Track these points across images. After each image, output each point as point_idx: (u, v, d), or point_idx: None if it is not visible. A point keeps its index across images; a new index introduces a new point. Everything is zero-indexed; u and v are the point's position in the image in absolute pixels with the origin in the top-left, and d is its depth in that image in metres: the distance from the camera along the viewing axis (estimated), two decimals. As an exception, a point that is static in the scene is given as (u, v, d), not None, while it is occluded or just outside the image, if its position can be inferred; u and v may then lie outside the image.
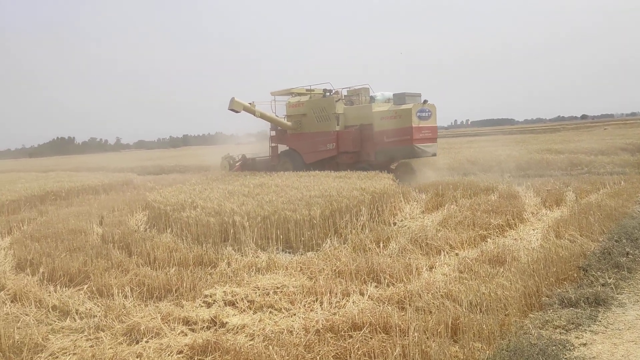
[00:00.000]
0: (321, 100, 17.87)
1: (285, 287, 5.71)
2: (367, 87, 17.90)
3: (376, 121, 16.23)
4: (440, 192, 11.92)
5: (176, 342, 4.45)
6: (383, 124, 16.04)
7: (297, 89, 18.96)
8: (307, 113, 17.91)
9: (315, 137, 17.50)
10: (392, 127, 15.78)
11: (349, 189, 10.00)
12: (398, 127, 15.62)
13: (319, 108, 17.64)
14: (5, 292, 6.13)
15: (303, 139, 17.97)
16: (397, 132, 15.66)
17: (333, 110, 17.19)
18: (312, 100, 18.15)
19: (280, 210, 8.44)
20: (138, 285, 5.94)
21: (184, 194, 10.84)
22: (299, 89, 18.94)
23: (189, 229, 8.41)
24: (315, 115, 17.68)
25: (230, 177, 15.19)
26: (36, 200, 13.91)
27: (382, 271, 5.96)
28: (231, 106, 17.82)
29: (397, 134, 15.66)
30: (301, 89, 18.93)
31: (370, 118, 16.44)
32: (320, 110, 17.59)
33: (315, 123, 17.65)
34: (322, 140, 17.26)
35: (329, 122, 17.25)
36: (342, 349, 3.98)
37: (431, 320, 4.34)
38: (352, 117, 17.19)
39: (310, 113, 17.83)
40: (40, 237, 8.66)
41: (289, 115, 18.62)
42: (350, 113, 17.32)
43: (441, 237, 7.54)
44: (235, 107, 17.77)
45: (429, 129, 16.11)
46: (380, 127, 16.06)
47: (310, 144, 17.61)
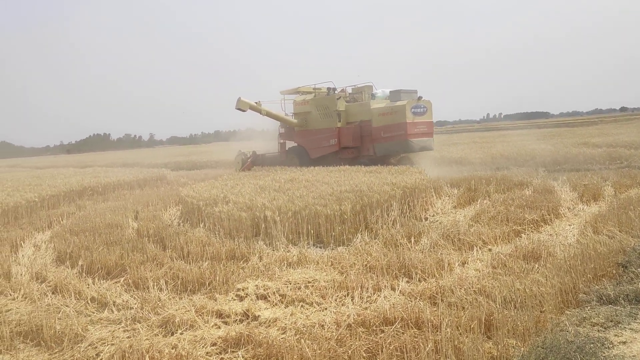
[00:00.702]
0: (324, 99, 18.66)
1: (317, 281, 5.73)
2: (370, 85, 18.53)
3: (374, 117, 16.92)
4: (472, 186, 11.75)
5: (210, 335, 4.53)
6: (380, 120, 16.72)
7: (304, 88, 19.81)
8: (312, 111, 18.75)
9: (319, 134, 18.33)
10: (388, 123, 16.50)
11: (379, 183, 9.95)
12: (394, 122, 16.32)
13: (323, 106, 18.43)
14: (46, 284, 6.36)
15: (308, 136, 18.81)
16: (392, 127, 16.35)
17: (335, 108, 17.95)
18: (316, 98, 18.98)
19: (311, 205, 8.47)
20: (172, 279, 6.06)
21: (216, 189, 10.98)
22: (306, 87, 19.78)
23: (222, 223, 8.52)
24: (319, 112, 18.48)
25: (261, 172, 15.31)
26: (74, 195, 14.35)
27: (414, 266, 5.93)
28: (238, 105, 18.70)
29: (393, 130, 16.35)
30: (308, 87, 19.76)
31: (369, 114, 17.14)
32: (324, 107, 18.37)
33: (319, 120, 18.47)
34: (326, 136, 18.09)
35: (332, 119, 18.03)
36: (373, 343, 3.98)
37: (464, 316, 4.29)
38: (353, 114, 17.92)
39: (315, 111, 18.64)
40: (79, 231, 8.94)
41: (295, 113, 19.49)
42: (351, 110, 18.04)
43: (474, 232, 7.44)
44: (241, 107, 18.70)
45: (424, 124, 16.69)
46: (378, 123, 16.75)
47: (315, 140, 18.45)
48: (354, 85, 18.96)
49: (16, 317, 5.12)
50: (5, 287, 6.21)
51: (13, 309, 5.52)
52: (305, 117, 18.99)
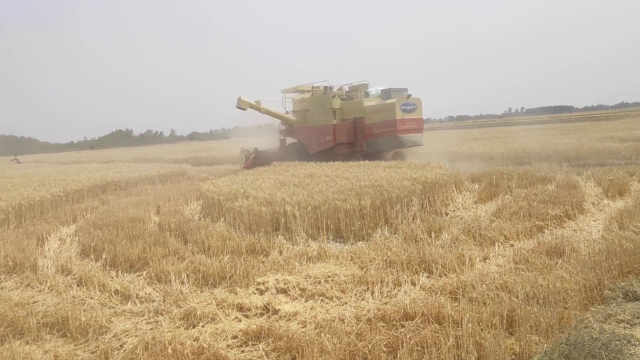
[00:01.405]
0: (321, 97, 19.49)
1: (336, 276, 5.74)
2: (365, 83, 19.44)
3: (367, 115, 17.80)
4: (494, 181, 11.60)
5: (231, 328, 4.57)
6: (372, 117, 17.62)
7: (303, 87, 20.65)
8: (310, 108, 19.71)
9: (316, 130, 19.25)
10: (379, 120, 17.37)
11: (399, 178, 9.90)
12: (384, 119, 17.18)
13: (319, 104, 19.33)
14: (71, 277, 6.49)
15: (306, 132, 19.77)
16: (383, 124, 17.22)
17: (330, 106, 18.79)
18: (314, 97, 19.87)
19: (331, 200, 8.47)
20: (194, 272, 6.13)
21: (236, 184, 11.06)
22: (305, 86, 20.61)
23: (242, 218, 8.58)
24: (316, 110, 19.39)
25: (280, 167, 15.36)
26: (98, 190, 14.59)
27: (434, 261, 5.89)
28: (238, 104, 19.62)
29: (383, 126, 17.23)
30: (307, 86, 20.59)
31: (362, 112, 18.01)
32: (320, 105, 19.26)
33: (316, 117, 19.37)
34: (322, 132, 19.01)
35: (327, 116, 18.92)
36: (393, 338, 3.97)
37: (485, 311, 4.26)
38: (347, 111, 18.73)
39: (312, 108, 19.59)
40: (102, 225, 9.09)
41: (294, 110, 20.57)
42: (346, 108, 18.86)
43: (495, 227, 7.36)
44: (241, 106, 19.64)
45: (414, 120, 17.49)
46: (370, 120, 17.66)
47: (313, 136, 19.39)
48: (350, 84, 19.88)
49: (43, 309, 5.24)
50: (32, 280, 6.36)
51: (40, 300, 5.65)
52: (304, 115, 19.94)
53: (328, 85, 19.90)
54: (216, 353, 3.91)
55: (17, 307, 5.35)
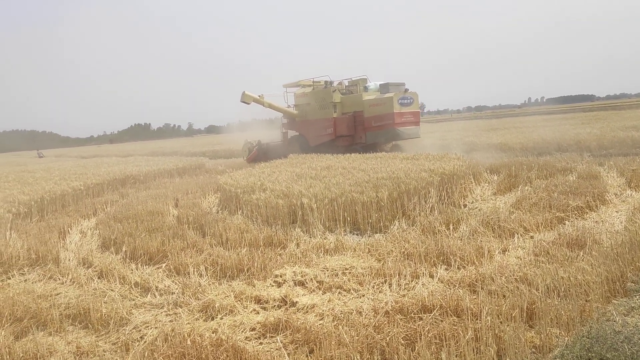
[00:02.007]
0: (322, 91, 20.25)
1: (354, 268, 5.73)
2: (365, 78, 20.21)
3: (366, 108, 18.61)
4: (513, 172, 11.46)
5: (249, 320, 4.60)
6: (371, 110, 18.42)
7: (304, 81, 21.43)
8: (311, 102, 20.41)
9: (317, 123, 19.99)
10: (378, 113, 18.19)
11: (416, 170, 9.83)
12: (383, 113, 18.01)
13: (320, 98, 20.04)
14: (92, 269, 6.59)
15: (308, 125, 20.52)
16: (382, 117, 18.04)
17: (331, 100, 19.60)
18: (315, 91, 20.63)
19: (348, 192, 8.45)
20: (212, 265, 6.17)
21: (254, 177, 11.10)
22: (306, 81, 21.41)
23: (259, 210, 8.61)
24: (317, 104, 20.09)
25: (297, 160, 15.36)
26: (117, 184, 14.77)
27: (453, 254, 5.84)
28: (242, 99, 20.29)
29: (382, 119, 18.06)
30: (308, 81, 21.38)
31: (361, 105, 18.83)
32: (321, 99, 19.99)
33: (317, 111, 20.10)
34: (323, 125, 19.78)
35: (328, 110, 19.70)
36: (411, 330, 3.95)
37: (505, 304, 4.21)
38: (347, 105, 19.57)
39: (313, 102, 20.29)
40: (122, 218, 9.20)
41: (296, 104, 21.27)
42: (346, 101, 19.68)
43: (515, 219, 7.26)
44: (245, 100, 20.30)
45: (411, 114, 18.38)
46: (369, 114, 18.47)
47: (314, 129, 20.14)
48: (350, 78, 20.68)
49: (65, 301, 5.33)
50: (54, 272, 6.48)
51: (62, 292, 5.75)
52: (305, 109, 20.67)
53: (328, 80, 20.69)
54: (234, 345, 3.94)
55: (41, 299, 5.45)
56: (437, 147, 17.85)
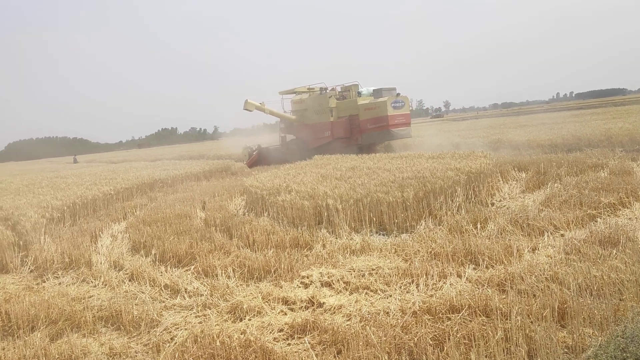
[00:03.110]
0: (318, 97, 21.89)
1: (380, 268, 5.71)
2: (356, 84, 21.94)
3: (361, 112, 20.38)
4: (541, 170, 11.24)
5: (277, 321, 4.63)
6: (366, 114, 20.21)
7: (299, 88, 22.97)
8: (308, 108, 22.05)
9: (315, 127, 21.56)
10: (372, 116, 19.96)
11: (442, 169, 9.75)
12: (377, 116, 19.80)
13: (317, 103, 21.70)
14: (123, 272, 6.73)
15: (305, 129, 22.00)
16: (376, 120, 19.82)
17: (327, 105, 21.26)
18: (311, 97, 22.21)
19: (373, 192, 8.43)
20: (239, 266, 6.23)
21: (279, 179, 11.16)
22: (302, 88, 22.95)
23: (285, 212, 8.65)
24: (314, 109, 21.74)
25: (322, 161, 15.40)
26: (146, 188, 15.04)
27: (481, 253, 5.76)
28: (245, 106, 21.68)
29: (377, 122, 19.82)
30: (303, 88, 22.95)
31: (356, 109, 20.56)
32: (318, 105, 21.63)
33: (314, 116, 21.72)
34: (321, 129, 21.36)
35: (325, 114, 21.37)
36: (440, 331, 3.92)
37: (535, 303, 4.13)
38: (343, 109, 21.26)
39: (310, 108, 21.93)
40: (151, 222, 9.37)
41: (293, 110, 22.86)
42: (341, 106, 21.40)
43: (544, 217, 7.12)
44: (248, 107, 21.74)
45: (403, 116, 20.23)
46: (364, 117, 20.24)
47: (312, 132, 21.63)
48: (342, 84, 22.38)
49: (98, 303, 5.46)
50: (87, 275, 6.64)
51: (95, 295, 5.89)
52: (303, 114, 22.24)
53: (324, 87, 22.35)
54: (263, 346, 3.97)
55: (74, 301, 5.59)
56: (515, 145, 17.83)
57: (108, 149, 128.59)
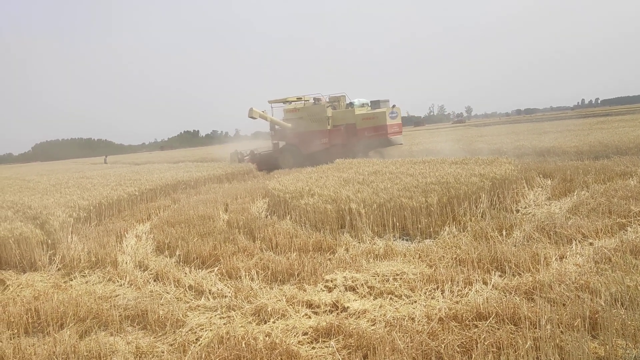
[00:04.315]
0: (314, 107, 23.37)
1: (405, 274, 5.67)
2: (344, 95, 23.76)
3: (358, 121, 22.03)
4: (568, 177, 11.05)
5: (301, 324, 4.63)
6: (364, 123, 21.90)
7: (290, 98, 24.30)
8: (303, 116, 23.36)
9: (311, 135, 22.90)
10: (371, 125, 21.74)
11: (466, 175, 9.65)
12: (377, 124, 21.61)
13: (313, 112, 23.15)
14: (148, 272, 6.81)
15: (300, 136, 23.30)
16: (376, 128, 21.63)
17: (325, 114, 22.78)
18: (307, 107, 23.69)
19: (396, 197, 8.39)
20: (263, 269, 6.26)
21: (301, 182, 11.18)
22: (291, 97, 24.31)
23: (307, 215, 8.66)
24: (310, 118, 23.11)
25: (344, 165, 15.38)
26: (169, 189, 15.21)
27: (507, 260, 5.68)
28: (250, 114, 23.25)
29: (376, 130, 21.63)
30: (293, 97, 24.32)
31: (354, 119, 22.18)
32: (315, 114, 23.08)
33: (310, 124, 23.07)
34: (317, 136, 22.79)
35: (322, 122, 22.82)
36: (467, 338, 3.87)
37: (565, 313, 4.06)
38: (338, 118, 22.79)
39: (306, 116, 23.26)
40: (175, 223, 9.47)
41: (287, 118, 24.19)
42: (337, 115, 22.93)
43: (572, 225, 6.99)
44: (253, 115, 23.31)
45: (397, 125, 22.13)
46: (362, 125, 21.93)
47: (308, 139, 22.97)
48: (330, 95, 23.96)
49: (124, 302, 5.53)
50: (113, 275, 6.73)
51: (121, 294, 5.97)
52: (297, 122, 23.51)
53: (316, 97, 23.93)
54: (288, 349, 3.98)
55: (101, 300, 5.68)
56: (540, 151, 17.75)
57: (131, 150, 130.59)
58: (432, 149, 23.27)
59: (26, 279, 7.01)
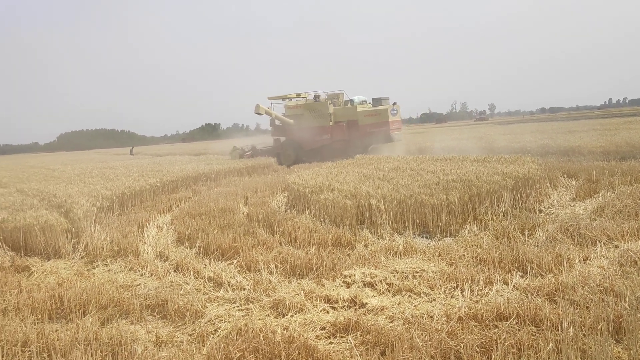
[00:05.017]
0: (316, 103, 23.90)
1: (424, 271, 5.63)
2: (342, 92, 24.56)
3: (360, 118, 22.79)
4: (593, 177, 10.83)
5: (319, 319, 4.63)
6: (366, 119, 22.66)
7: (289, 95, 24.91)
8: (305, 113, 23.94)
9: (312, 130, 23.41)
10: (373, 121, 22.51)
11: (489, 173, 9.53)
12: (378, 121, 22.43)
13: (315, 109, 23.71)
14: (169, 263, 6.90)
15: (301, 132, 23.71)
16: (377, 125, 22.40)
17: (327, 111, 23.38)
18: (308, 103, 24.22)
19: (417, 194, 8.33)
20: (281, 263, 6.28)
21: (321, 177, 11.18)
22: (291, 94, 24.90)
23: (327, 210, 8.65)
24: (312, 114, 23.67)
25: (364, 161, 15.33)
26: (190, 181, 15.34)
27: (529, 260, 5.60)
28: (256, 110, 23.97)
29: (377, 126, 22.39)
30: (292, 94, 24.89)
31: (355, 115, 22.93)
32: (317, 110, 23.63)
33: (312, 120, 23.60)
34: (319, 132, 23.38)
35: (325, 119, 23.41)
36: (487, 338, 3.82)
37: (589, 316, 3.98)
38: (340, 115, 23.43)
39: (307, 113, 23.84)
40: (195, 215, 9.56)
41: (288, 115, 24.75)
42: (338, 112, 23.57)
43: (596, 226, 6.85)
44: (259, 111, 24.02)
45: (397, 122, 23.07)
46: (364, 122, 22.69)
47: (309, 135, 23.46)
48: (329, 92, 24.68)
49: (144, 292, 5.60)
50: (134, 264, 6.83)
51: (141, 284, 6.05)
52: (299, 118, 24.10)
53: (316, 94, 24.39)
54: (305, 343, 3.98)
55: (122, 288, 5.77)
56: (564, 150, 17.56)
57: (153, 142, 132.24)
58: (454, 147, 23.05)
59: (50, 266, 7.16)
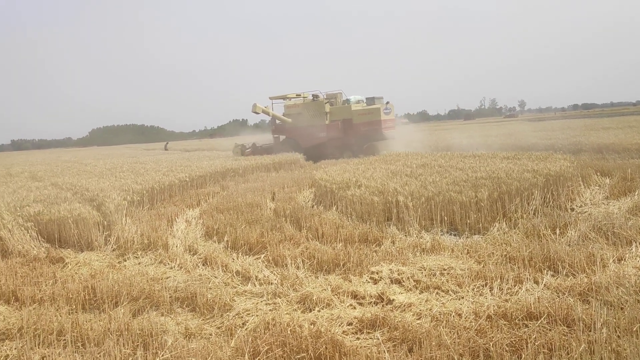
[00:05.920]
0: (313, 103, 24.79)
1: (452, 269, 5.58)
2: (341, 92, 25.19)
3: (354, 116, 23.50)
4: (628, 176, 10.54)
5: (346, 314, 4.63)
6: (360, 118, 23.38)
7: (289, 95, 25.69)
8: (302, 112, 24.85)
9: (310, 129, 24.28)
10: (366, 120, 23.22)
11: (519, 170, 9.37)
12: (371, 120, 23.10)
13: (312, 108, 24.58)
14: (197, 256, 7.00)
15: (299, 130, 24.73)
16: (370, 123, 23.15)
17: (323, 110, 24.13)
18: (306, 103, 25.16)
19: (445, 191, 8.24)
20: (308, 258, 6.30)
21: (348, 173, 11.17)
22: (291, 94, 25.69)
23: (354, 206, 8.64)
24: (309, 113, 24.53)
25: (391, 157, 15.25)
26: (218, 176, 15.52)
27: (560, 260, 5.49)
28: (253, 109, 24.62)
29: (370, 125, 23.15)
30: (292, 94, 25.69)
31: (350, 114, 23.66)
32: (314, 110, 24.48)
33: (309, 119, 24.44)
34: (316, 130, 24.17)
35: (321, 118, 24.19)
36: (517, 337, 3.77)
37: (623, 317, 3.88)
38: (336, 113, 24.23)
39: (305, 112, 24.74)
40: (223, 209, 9.67)
41: (287, 114, 25.61)
42: (334, 111, 24.34)
43: (632, 226, 6.66)
44: (256, 110, 24.70)
45: (390, 120, 23.74)
46: (358, 121, 23.42)
47: (307, 133, 24.34)
48: (328, 92, 25.45)
49: (174, 284, 5.70)
50: (164, 257, 6.96)
51: (171, 276, 6.16)
52: (297, 117, 24.96)
53: (315, 94, 25.08)
54: (333, 338, 3.99)
55: (153, 281, 5.88)
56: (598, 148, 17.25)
57: (182, 137, 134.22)
58: (482, 143, 22.71)
59: (83, 258, 7.35)
